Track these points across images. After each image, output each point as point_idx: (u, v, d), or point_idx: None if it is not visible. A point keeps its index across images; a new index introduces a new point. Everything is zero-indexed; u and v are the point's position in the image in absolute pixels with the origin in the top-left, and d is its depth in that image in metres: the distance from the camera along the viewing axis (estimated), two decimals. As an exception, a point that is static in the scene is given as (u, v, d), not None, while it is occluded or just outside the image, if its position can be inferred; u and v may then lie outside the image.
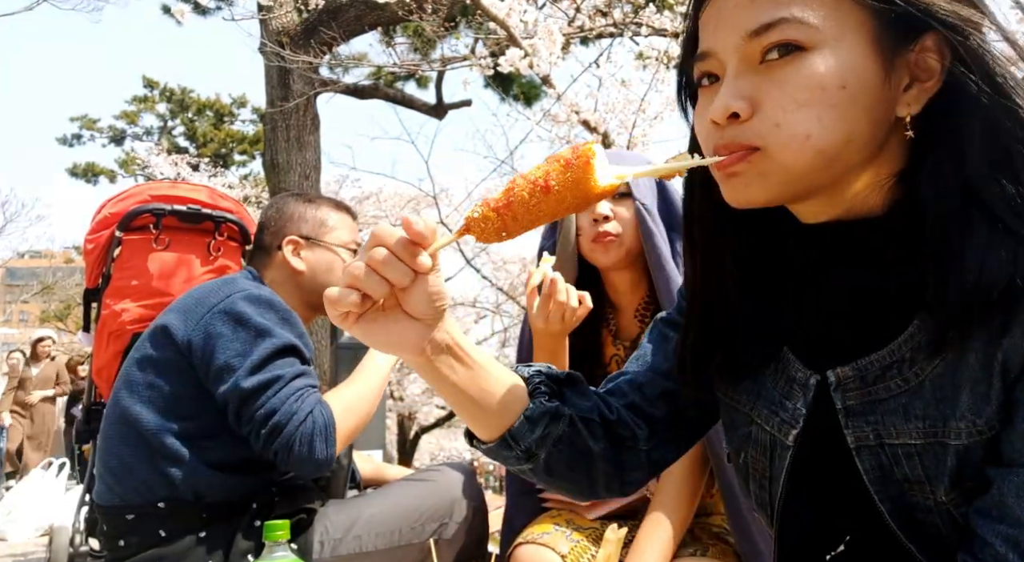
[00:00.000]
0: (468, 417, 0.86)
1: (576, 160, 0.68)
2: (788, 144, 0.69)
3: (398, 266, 0.70)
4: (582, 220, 1.59)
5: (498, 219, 0.70)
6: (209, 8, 8.72)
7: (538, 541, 1.46)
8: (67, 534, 2.61)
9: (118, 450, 1.55)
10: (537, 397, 0.88)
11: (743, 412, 0.87)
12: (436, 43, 6.59)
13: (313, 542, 1.56)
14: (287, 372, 1.51)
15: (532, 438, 0.85)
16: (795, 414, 0.80)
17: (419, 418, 11.69)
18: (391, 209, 10.74)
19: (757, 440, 0.85)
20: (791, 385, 0.81)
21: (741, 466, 0.89)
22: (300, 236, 1.75)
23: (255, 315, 1.54)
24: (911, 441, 0.72)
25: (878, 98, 0.69)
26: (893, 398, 0.73)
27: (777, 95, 0.69)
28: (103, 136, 20.38)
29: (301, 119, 5.45)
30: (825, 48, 0.68)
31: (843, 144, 0.69)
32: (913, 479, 0.73)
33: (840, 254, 0.78)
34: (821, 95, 0.68)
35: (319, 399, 1.52)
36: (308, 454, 1.44)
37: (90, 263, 2.23)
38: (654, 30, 4.94)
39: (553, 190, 0.69)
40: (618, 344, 1.65)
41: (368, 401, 1.62)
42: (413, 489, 1.71)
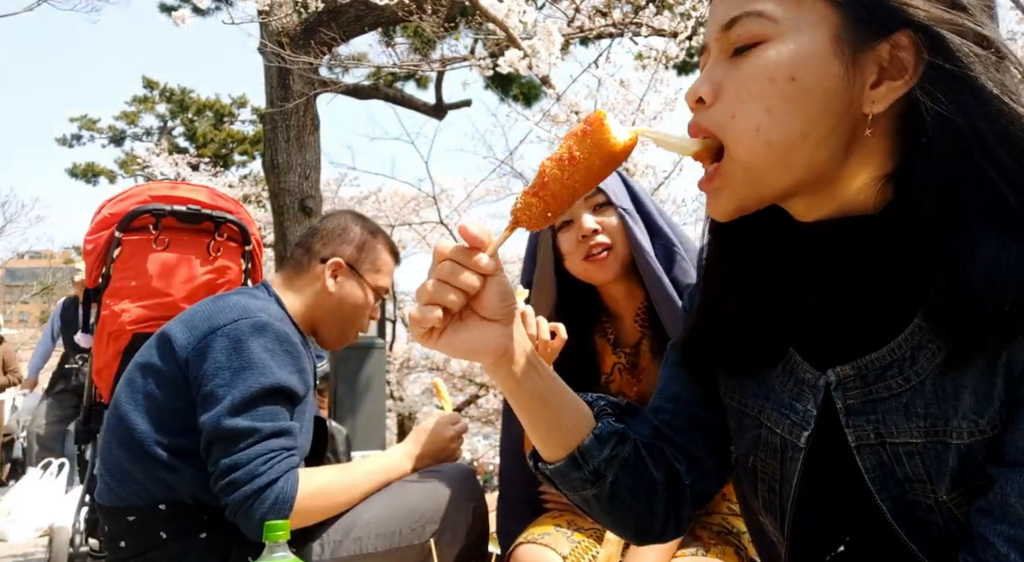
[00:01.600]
0: (540, 432, 0.87)
1: (591, 126, 0.72)
2: (741, 136, 0.71)
3: (465, 273, 0.74)
4: (568, 243, 1.55)
5: (539, 202, 0.73)
6: (208, 9, 8.72)
7: (539, 541, 1.46)
8: (67, 534, 2.61)
9: (117, 453, 1.55)
10: (604, 418, 0.89)
11: (751, 415, 0.87)
12: (436, 43, 6.60)
13: (313, 543, 1.56)
14: (266, 427, 1.45)
15: (601, 458, 0.85)
16: (806, 416, 0.80)
17: (419, 418, 11.70)
18: (390, 209, 10.74)
19: (767, 443, 0.84)
20: (800, 386, 0.81)
21: (749, 470, 0.88)
22: (346, 261, 1.74)
23: (255, 346, 1.50)
24: (912, 440, 0.72)
25: (836, 93, 0.69)
26: (894, 397, 0.73)
27: (735, 84, 0.71)
28: (103, 136, 20.39)
29: (301, 119, 5.45)
30: (780, 41, 0.69)
31: (798, 138, 0.70)
32: (914, 478, 0.73)
33: (837, 252, 0.78)
34: (770, 87, 0.69)
35: (291, 467, 1.46)
36: (256, 520, 1.40)
37: (90, 263, 2.23)
38: (653, 30, 4.94)
39: (579, 160, 0.72)
40: (618, 352, 1.63)
41: (354, 493, 1.58)
42: (413, 490, 1.71)
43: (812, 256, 0.80)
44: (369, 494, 1.60)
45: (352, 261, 1.74)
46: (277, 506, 1.41)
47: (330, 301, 1.72)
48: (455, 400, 11.12)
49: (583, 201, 1.53)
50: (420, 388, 11.45)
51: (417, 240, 11.34)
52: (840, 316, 0.79)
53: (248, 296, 1.63)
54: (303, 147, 5.46)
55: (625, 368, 1.62)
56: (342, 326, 1.75)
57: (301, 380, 1.55)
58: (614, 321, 1.65)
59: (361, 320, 1.78)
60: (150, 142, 18.96)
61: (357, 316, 1.76)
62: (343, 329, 1.76)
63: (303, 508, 1.45)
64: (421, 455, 1.69)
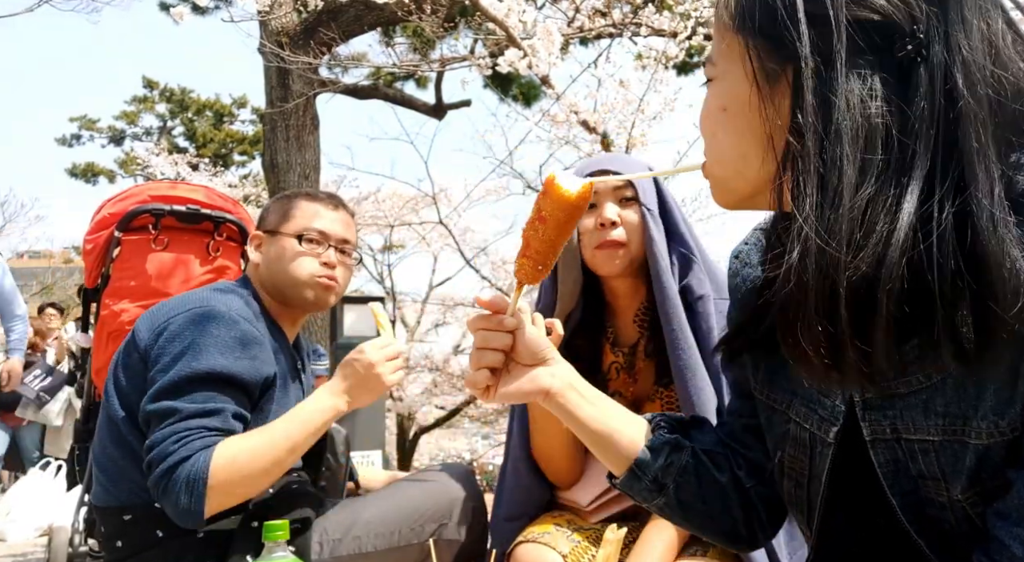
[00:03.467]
0: (601, 452, 0.98)
1: (547, 187, 0.86)
2: (706, 152, 0.84)
3: (495, 335, 0.92)
4: (587, 224, 1.54)
5: (529, 261, 0.89)
6: (208, 8, 8.72)
7: (539, 540, 1.46)
8: (66, 534, 2.61)
9: (110, 451, 1.55)
10: (657, 431, 0.98)
11: (780, 410, 0.89)
12: (435, 43, 6.59)
13: (312, 543, 1.56)
14: (188, 408, 1.41)
15: (656, 467, 0.95)
16: (834, 411, 0.82)
17: (418, 418, 11.69)
18: (390, 209, 10.73)
19: (796, 438, 0.87)
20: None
21: (777, 465, 0.91)
22: (264, 231, 1.73)
23: (198, 333, 1.48)
24: (929, 437, 0.73)
25: (755, 119, 0.77)
26: (913, 394, 0.74)
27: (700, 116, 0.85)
28: (103, 136, 20.41)
29: (300, 119, 5.45)
30: (717, 79, 0.81)
31: (738, 156, 0.80)
32: (928, 475, 0.73)
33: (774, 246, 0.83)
34: (708, 117, 0.82)
35: (205, 445, 1.38)
36: (172, 503, 1.37)
37: (89, 263, 2.23)
38: (653, 30, 4.94)
39: (546, 217, 0.86)
40: (616, 351, 1.62)
41: (275, 452, 1.44)
42: (412, 490, 1.71)
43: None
44: (298, 447, 1.47)
45: (269, 227, 1.72)
46: (190, 484, 1.35)
47: (263, 272, 1.70)
48: (454, 400, 11.12)
49: (611, 191, 1.53)
50: (420, 388, 11.44)
51: (417, 240, 11.33)
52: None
53: (215, 290, 1.64)
54: (303, 147, 5.47)
55: (623, 367, 1.61)
56: (287, 284, 1.67)
57: (252, 367, 1.51)
58: (614, 319, 1.64)
59: (297, 269, 1.66)
60: (150, 142, 18.97)
61: (289, 267, 1.66)
62: (293, 286, 1.67)
63: (220, 482, 1.36)
64: (347, 388, 1.53)
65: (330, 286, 1.70)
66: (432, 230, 10.75)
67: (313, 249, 1.69)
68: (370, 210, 10.66)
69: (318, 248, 1.69)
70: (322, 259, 1.69)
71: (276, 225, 1.71)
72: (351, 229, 1.78)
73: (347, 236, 1.75)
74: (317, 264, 1.68)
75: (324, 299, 1.71)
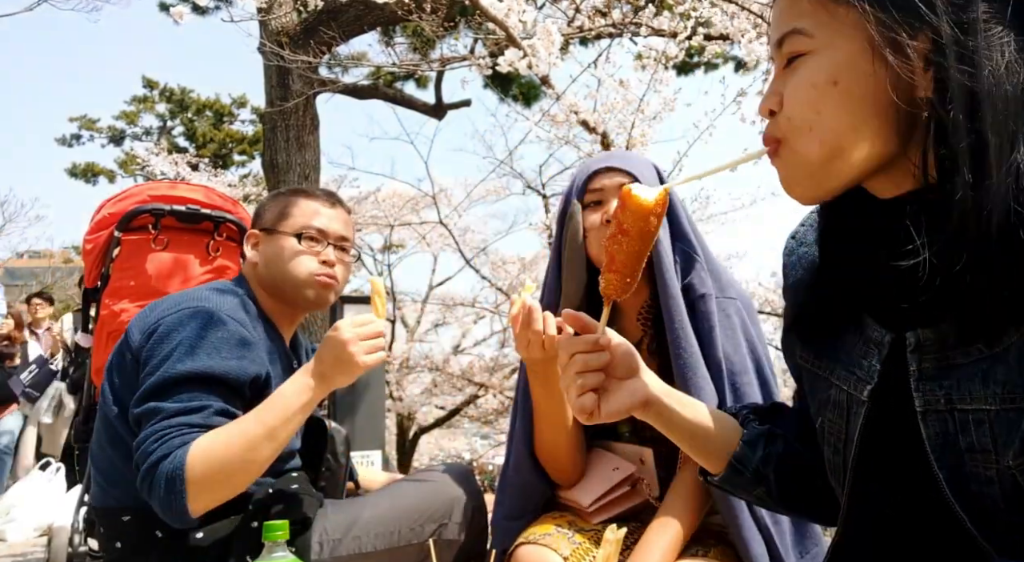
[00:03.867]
0: (700, 453, 1.00)
1: (623, 200, 0.88)
2: (796, 135, 0.80)
3: (594, 356, 0.93)
4: (593, 220, 1.54)
5: (616, 275, 0.91)
6: (208, 8, 8.71)
7: (540, 542, 1.46)
8: (66, 534, 2.61)
9: (107, 452, 1.55)
10: (748, 424, 1.01)
11: (823, 377, 0.92)
12: (435, 43, 6.59)
13: (312, 543, 1.56)
14: (172, 407, 1.40)
15: (756, 459, 0.98)
16: (870, 371, 0.84)
17: (418, 418, 11.69)
18: (390, 209, 10.73)
19: (835, 402, 0.89)
20: (868, 345, 0.86)
21: (819, 432, 0.93)
22: (261, 229, 1.72)
23: (186, 333, 1.47)
24: (986, 407, 0.73)
25: (878, 89, 0.76)
26: (973, 363, 0.75)
27: (790, 93, 0.81)
28: (102, 136, 20.38)
29: (300, 119, 5.45)
30: (819, 53, 0.79)
31: (849, 132, 0.77)
32: (978, 448, 0.74)
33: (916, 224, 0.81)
34: (815, 92, 0.78)
35: (184, 442, 1.36)
36: (157, 502, 1.35)
37: (89, 263, 2.23)
38: (653, 31, 4.93)
39: (628, 229, 0.88)
40: None
41: (249, 440, 1.38)
42: (412, 489, 1.70)
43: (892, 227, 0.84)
44: (275, 432, 1.41)
45: (266, 226, 1.71)
46: (169, 481, 1.33)
47: (261, 271, 1.69)
48: (454, 400, 11.11)
49: (616, 187, 1.53)
50: (419, 388, 11.44)
51: (417, 240, 11.33)
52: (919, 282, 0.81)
53: (210, 289, 1.63)
54: (302, 147, 5.46)
55: None
56: (286, 283, 1.66)
57: (240, 367, 1.49)
58: (617, 317, 1.64)
59: (296, 268, 1.65)
60: (150, 142, 18.94)
61: (288, 266, 1.66)
62: (292, 285, 1.66)
63: (198, 476, 1.33)
64: (322, 369, 1.46)
65: (330, 285, 1.69)
66: (432, 230, 10.76)
67: (312, 247, 1.68)
68: (370, 210, 10.66)
69: (317, 246, 1.69)
70: (321, 257, 1.68)
71: (274, 223, 1.71)
72: (349, 226, 1.77)
73: (345, 234, 1.74)
74: (316, 263, 1.67)
75: (324, 297, 1.70)
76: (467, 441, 15.46)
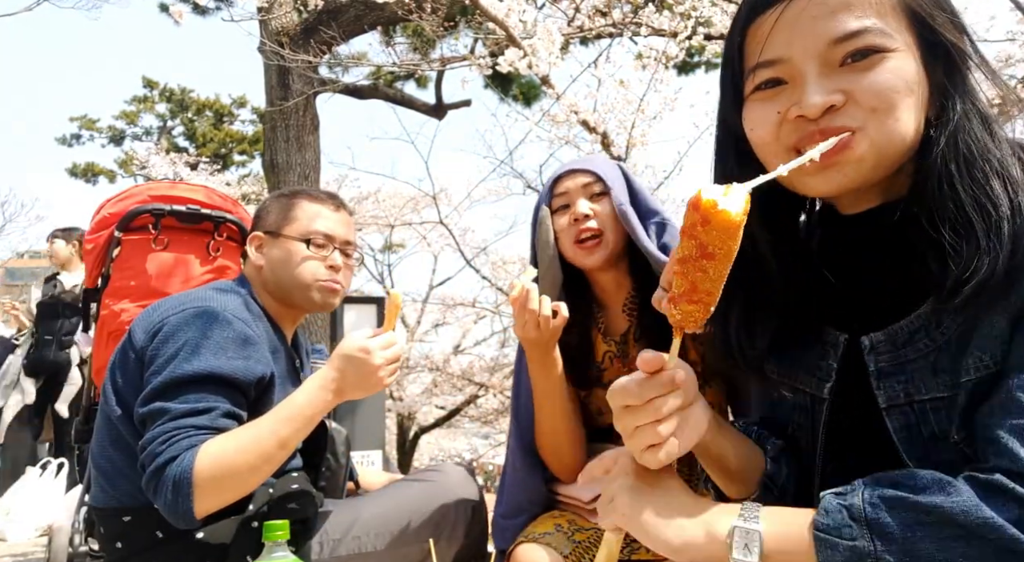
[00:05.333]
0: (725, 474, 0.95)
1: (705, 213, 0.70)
2: (883, 124, 0.80)
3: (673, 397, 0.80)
4: (561, 223, 1.60)
5: (698, 307, 0.76)
6: (208, 8, 8.71)
7: (540, 541, 1.46)
8: (66, 534, 2.61)
9: (109, 453, 1.55)
10: (765, 441, 0.98)
11: (788, 384, 0.95)
12: (435, 43, 6.59)
13: (312, 543, 1.56)
14: (178, 408, 1.39)
15: (783, 476, 0.96)
16: (828, 370, 0.89)
17: (418, 418, 11.69)
18: (390, 209, 10.73)
19: (799, 405, 0.93)
20: (824, 347, 0.91)
21: (791, 440, 0.96)
22: (264, 232, 1.72)
23: (190, 333, 1.47)
24: (939, 394, 0.79)
25: (924, 98, 0.82)
26: (922, 357, 0.81)
27: (868, 85, 0.80)
28: (103, 136, 20.39)
29: (301, 119, 5.45)
30: (903, 52, 0.80)
31: (912, 134, 0.81)
32: (939, 435, 0.79)
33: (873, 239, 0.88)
34: (904, 87, 0.80)
35: (192, 445, 1.36)
36: (163, 504, 1.35)
37: (89, 263, 2.23)
38: (653, 30, 4.93)
39: (714, 252, 0.71)
40: (608, 341, 1.66)
41: (262, 447, 1.39)
42: (412, 489, 1.70)
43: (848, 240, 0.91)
44: (287, 441, 1.42)
45: (270, 228, 1.72)
46: (177, 484, 1.33)
47: (266, 274, 1.70)
48: (454, 400, 11.11)
49: (580, 188, 1.60)
50: (420, 388, 11.44)
51: (417, 239, 11.34)
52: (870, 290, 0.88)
53: (214, 289, 1.64)
54: (302, 147, 5.46)
55: (616, 356, 1.64)
56: (293, 287, 1.68)
57: (246, 367, 1.49)
58: (603, 310, 1.68)
59: (304, 273, 1.66)
60: (150, 142, 18.97)
61: (296, 272, 1.67)
62: (300, 290, 1.67)
63: (206, 480, 1.33)
64: (342, 384, 1.47)
65: (336, 290, 1.72)
66: (432, 230, 10.76)
67: (319, 252, 1.70)
68: (370, 210, 10.66)
69: (324, 251, 1.70)
70: (328, 262, 1.70)
71: (278, 226, 1.71)
72: (352, 229, 1.79)
73: (349, 237, 1.76)
74: (323, 268, 1.69)
75: (330, 302, 1.72)
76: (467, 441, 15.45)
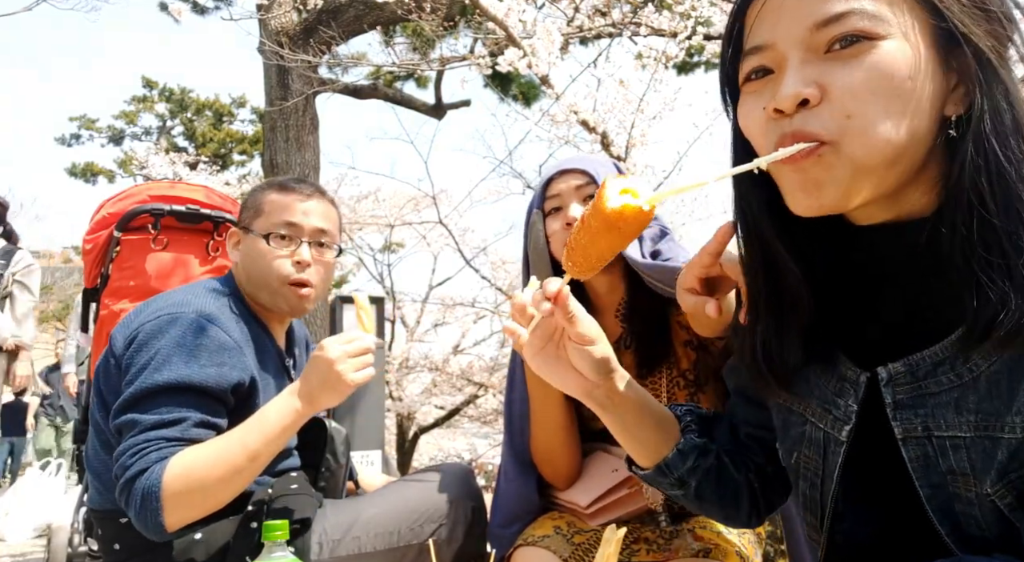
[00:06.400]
0: (632, 442, 1.01)
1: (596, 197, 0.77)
2: (859, 136, 0.69)
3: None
4: (553, 226, 1.56)
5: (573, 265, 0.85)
6: (207, 7, 8.71)
7: (539, 543, 1.46)
8: (65, 534, 2.61)
9: (102, 456, 1.55)
10: (688, 433, 1.02)
11: (796, 412, 0.90)
12: (435, 43, 6.59)
13: (311, 543, 1.55)
14: (148, 419, 1.36)
15: (683, 469, 0.99)
16: (847, 411, 0.82)
17: (418, 418, 11.68)
18: (390, 209, 10.73)
19: (811, 439, 0.88)
20: (842, 383, 0.83)
21: (793, 467, 0.91)
22: (240, 227, 1.67)
23: (163, 342, 1.43)
24: (961, 434, 0.72)
25: (936, 94, 0.70)
26: (944, 392, 0.74)
27: (847, 81, 0.69)
28: (102, 136, 20.39)
29: (300, 119, 5.45)
30: (895, 39, 0.68)
31: (907, 138, 0.69)
32: (958, 471, 0.73)
33: (893, 257, 0.78)
34: (890, 84, 0.68)
35: (162, 457, 1.33)
36: (134, 517, 1.33)
37: (88, 263, 2.23)
38: (653, 30, 4.93)
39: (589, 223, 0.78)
40: None
41: (231, 459, 1.36)
42: (412, 489, 1.70)
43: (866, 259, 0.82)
44: (259, 454, 1.38)
45: (243, 224, 1.66)
46: (145, 497, 1.31)
47: (241, 270, 1.65)
48: (454, 400, 11.10)
49: (574, 191, 1.56)
50: (419, 388, 11.43)
51: (417, 239, 11.33)
52: (890, 316, 0.80)
53: (195, 290, 1.59)
54: (302, 147, 5.46)
55: None
56: (260, 288, 1.60)
57: (219, 374, 1.44)
58: (596, 316, 1.65)
59: (269, 274, 1.58)
60: (149, 142, 18.97)
61: (261, 270, 1.59)
62: (267, 292, 1.60)
63: (175, 493, 1.30)
64: (309, 389, 1.41)
65: (304, 296, 1.61)
66: (432, 230, 10.75)
67: (283, 246, 1.59)
68: (370, 209, 10.66)
69: (290, 245, 1.60)
70: (295, 257, 1.59)
71: (249, 221, 1.65)
72: (329, 218, 1.67)
73: (323, 226, 1.64)
74: (289, 265, 1.59)
75: (298, 307, 1.62)
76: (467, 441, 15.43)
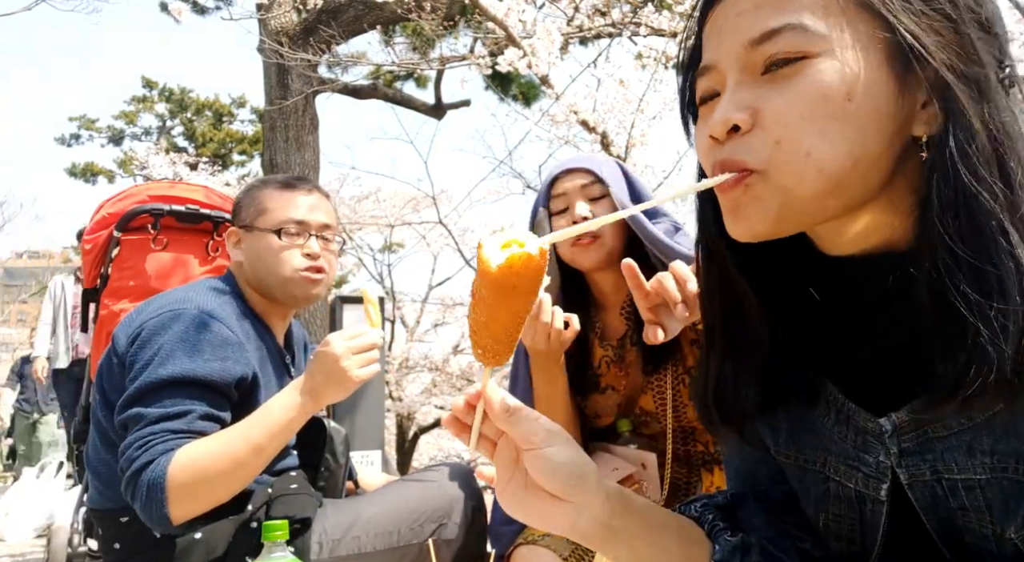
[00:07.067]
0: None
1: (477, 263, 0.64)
2: (788, 163, 0.64)
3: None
4: (560, 225, 1.57)
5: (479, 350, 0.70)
6: (207, 7, 8.71)
7: (539, 543, 1.46)
8: (65, 534, 2.61)
9: (102, 455, 1.55)
10: (717, 536, 0.81)
11: (814, 470, 0.81)
12: (435, 43, 6.59)
13: (311, 543, 1.55)
14: (154, 412, 1.39)
15: None
16: (880, 468, 0.74)
17: (418, 418, 11.68)
18: (390, 209, 10.73)
19: (839, 496, 0.79)
20: (864, 436, 0.75)
21: (822, 527, 0.82)
22: (240, 226, 1.69)
23: (166, 337, 1.45)
24: (975, 476, 0.67)
25: (890, 114, 0.64)
26: (954, 436, 0.68)
27: (779, 105, 0.64)
28: (102, 136, 20.37)
29: (300, 119, 5.45)
30: (832, 57, 0.63)
31: (849, 164, 0.63)
32: (971, 508, 0.69)
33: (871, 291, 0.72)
34: (825, 106, 0.62)
35: (167, 449, 1.35)
36: (140, 509, 1.35)
37: (88, 263, 2.23)
38: (653, 30, 4.93)
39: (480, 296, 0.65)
40: (605, 346, 1.64)
41: (235, 452, 1.38)
42: (412, 489, 1.70)
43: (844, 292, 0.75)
44: (263, 448, 1.40)
45: (243, 223, 1.68)
46: (151, 489, 1.32)
47: (246, 269, 1.67)
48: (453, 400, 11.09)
49: (579, 190, 1.56)
50: (419, 388, 11.43)
51: (417, 239, 11.33)
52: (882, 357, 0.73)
53: (196, 289, 1.61)
54: (302, 147, 5.46)
55: (613, 361, 1.63)
56: (272, 282, 1.63)
57: (223, 369, 1.46)
58: (601, 314, 1.66)
59: (282, 266, 1.61)
60: (149, 142, 18.96)
61: (272, 263, 1.62)
62: (279, 284, 1.63)
63: (180, 485, 1.32)
64: (313, 384, 1.44)
65: (316, 280, 1.65)
66: (432, 230, 10.76)
67: (294, 241, 1.64)
68: (370, 209, 10.66)
69: (299, 240, 1.64)
70: (305, 250, 1.64)
71: (252, 220, 1.67)
72: (330, 213, 1.72)
73: (327, 221, 1.69)
74: (300, 257, 1.63)
75: (312, 294, 1.67)
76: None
